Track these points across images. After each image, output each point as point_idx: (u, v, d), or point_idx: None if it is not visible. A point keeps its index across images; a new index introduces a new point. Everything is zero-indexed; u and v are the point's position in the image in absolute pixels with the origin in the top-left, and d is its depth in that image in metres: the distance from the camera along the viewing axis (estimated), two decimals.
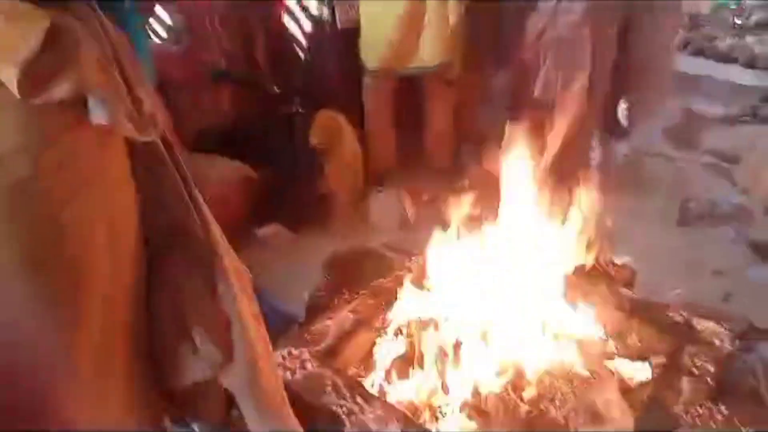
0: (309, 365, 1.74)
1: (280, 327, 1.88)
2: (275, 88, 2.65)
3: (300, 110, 2.95)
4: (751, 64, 4.65)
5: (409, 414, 1.61)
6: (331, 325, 1.89)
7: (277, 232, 2.61)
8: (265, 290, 2.25)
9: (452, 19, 2.92)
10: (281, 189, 2.70)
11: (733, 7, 5.82)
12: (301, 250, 2.55)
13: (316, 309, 1.99)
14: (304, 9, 3.00)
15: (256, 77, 2.91)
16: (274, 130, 2.75)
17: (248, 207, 2.56)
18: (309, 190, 2.56)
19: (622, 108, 3.81)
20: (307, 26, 3.04)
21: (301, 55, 3.16)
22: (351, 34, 2.99)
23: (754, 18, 5.43)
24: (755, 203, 3.07)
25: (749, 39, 4.96)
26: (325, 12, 3.03)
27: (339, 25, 3.01)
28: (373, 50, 2.99)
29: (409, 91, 3.17)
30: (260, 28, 3.08)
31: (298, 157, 2.62)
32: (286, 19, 3.06)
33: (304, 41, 3.09)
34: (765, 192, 3.18)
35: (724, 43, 4.93)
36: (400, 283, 1.96)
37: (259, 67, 3.11)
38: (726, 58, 4.82)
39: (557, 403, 1.65)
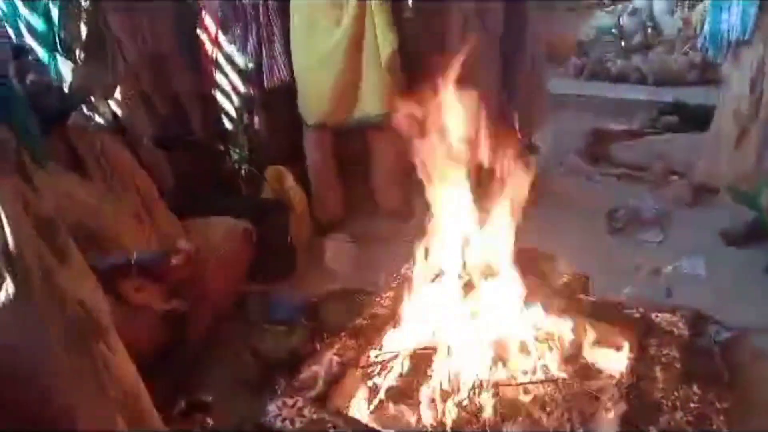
0: (306, 412, 1.75)
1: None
2: (219, 146, 2.66)
3: (243, 167, 2.98)
4: (641, 81, 5.12)
5: None
6: (318, 370, 1.91)
7: None
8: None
9: (385, 68, 2.94)
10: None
11: (614, 31, 6.37)
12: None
13: (301, 356, 2.01)
14: (237, 70, 3.03)
15: (197, 138, 2.91)
16: (222, 188, 2.75)
17: (252, 260, 2.46)
18: (271, 243, 2.55)
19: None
20: (239, 85, 3.06)
21: (235, 113, 3.18)
22: (287, 90, 3.03)
23: (635, 40, 5.97)
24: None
25: (635, 59, 5.45)
26: (254, 71, 3.06)
27: (266, 85, 3.03)
28: (310, 106, 3.03)
29: (353, 139, 3.25)
30: (190, 89, 3.11)
31: (251, 213, 2.62)
32: (218, 79, 3.08)
33: (236, 99, 3.11)
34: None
35: (615, 65, 5.39)
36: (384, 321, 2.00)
37: (191, 129, 3.12)
38: (619, 78, 5.28)
39: (548, 409, 1.75)
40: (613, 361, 1.89)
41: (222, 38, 2.99)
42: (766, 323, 2.35)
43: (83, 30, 2.85)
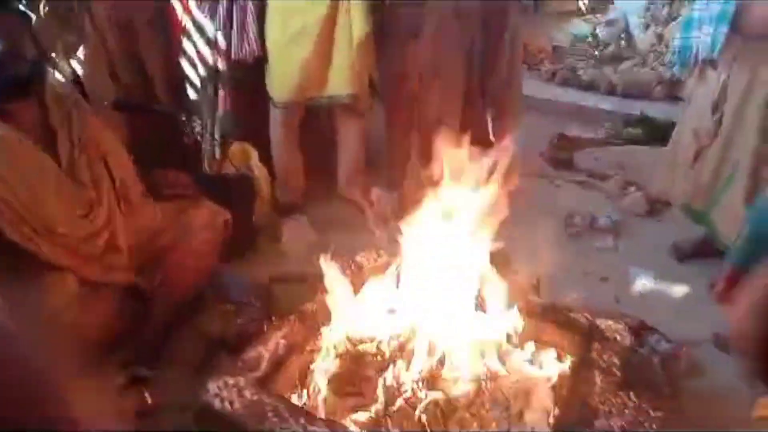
0: (247, 393, 1.73)
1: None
2: (181, 115, 2.60)
3: (200, 138, 2.92)
4: (611, 92, 5.19)
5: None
6: (263, 351, 1.89)
7: None
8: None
9: (357, 50, 2.91)
10: None
11: (590, 40, 6.44)
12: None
13: (247, 337, 1.99)
14: (206, 40, 2.94)
15: (156, 103, 2.83)
16: (182, 159, 2.69)
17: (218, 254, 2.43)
18: (234, 220, 2.49)
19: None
20: (207, 54, 2.97)
21: (200, 83, 3.08)
22: (255, 65, 2.97)
23: (609, 50, 6.05)
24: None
25: (606, 70, 5.53)
26: (222, 42, 2.98)
27: (234, 57, 2.95)
28: (280, 83, 2.97)
29: (320, 122, 3.22)
30: (157, 57, 3.03)
31: (218, 188, 2.57)
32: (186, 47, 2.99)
33: (203, 69, 3.02)
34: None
35: (586, 73, 5.46)
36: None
37: (156, 96, 3.04)
38: (589, 87, 5.34)
39: (487, 406, 1.77)
40: (554, 363, 1.92)
41: (193, 5, 2.90)
42: (707, 337, 2.42)
43: None
